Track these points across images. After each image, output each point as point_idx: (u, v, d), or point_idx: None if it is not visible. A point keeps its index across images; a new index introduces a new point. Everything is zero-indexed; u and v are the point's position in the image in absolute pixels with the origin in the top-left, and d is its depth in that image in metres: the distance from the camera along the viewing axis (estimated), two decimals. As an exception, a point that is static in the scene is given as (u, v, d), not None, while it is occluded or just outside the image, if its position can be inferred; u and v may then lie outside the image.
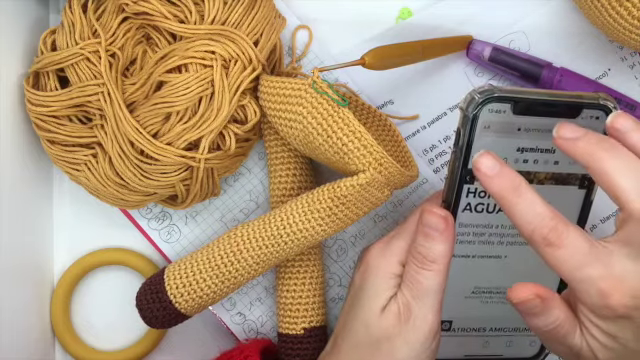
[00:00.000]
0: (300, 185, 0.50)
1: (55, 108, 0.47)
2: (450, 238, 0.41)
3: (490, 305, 0.45)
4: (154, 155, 0.46)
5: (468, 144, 0.40)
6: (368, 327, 0.42)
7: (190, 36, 0.46)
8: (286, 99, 0.44)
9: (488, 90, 0.40)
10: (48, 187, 0.53)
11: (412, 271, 0.41)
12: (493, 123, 0.40)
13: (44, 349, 0.53)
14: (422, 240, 0.41)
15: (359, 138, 0.42)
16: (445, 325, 0.45)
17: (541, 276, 0.44)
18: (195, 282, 0.46)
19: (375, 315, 0.42)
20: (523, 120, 0.40)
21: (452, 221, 0.41)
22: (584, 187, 0.42)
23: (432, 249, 0.41)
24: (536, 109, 0.40)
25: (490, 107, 0.39)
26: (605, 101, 0.40)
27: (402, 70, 0.51)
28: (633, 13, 0.44)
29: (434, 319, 0.41)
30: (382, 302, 0.42)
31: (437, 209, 0.41)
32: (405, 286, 0.42)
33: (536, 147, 0.41)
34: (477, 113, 0.40)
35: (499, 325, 0.45)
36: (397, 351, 0.41)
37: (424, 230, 0.41)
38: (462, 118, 0.40)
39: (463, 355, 0.46)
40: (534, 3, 0.52)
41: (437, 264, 0.41)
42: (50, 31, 0.49)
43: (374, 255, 0.44)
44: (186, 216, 0.53)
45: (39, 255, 0.52)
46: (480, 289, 0.44)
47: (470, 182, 0.41)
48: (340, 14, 0.53)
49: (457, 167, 0.41)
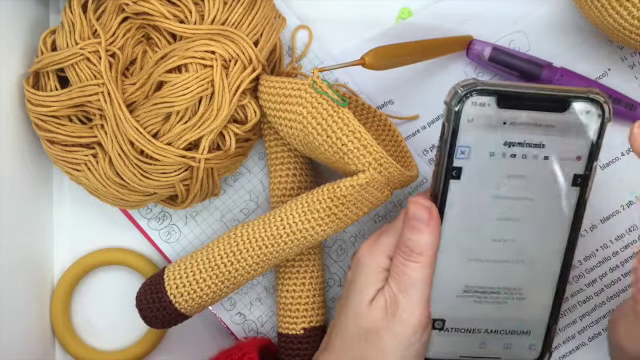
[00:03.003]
0: (300, 185, 0.50)
1: (55, 108, 0.47)
2: (435, 230, 0.41)
3: (484, 305, 0.44)
4: (154, 155, 0.46)
5: (453, 137, 0.40)
6: (357, 320, 0.42)
7: (190, 36, 0.46)
8: (286, 99, 0.44)
9: (471, 83, 0.40)
10: (48, 187, 0.53)
11: (398, 263, 0.42)
12: (478, 117, 0.40)
13: (44, 349, 0.53)
14: (408, 233, 0.41)
15: (359, 138, 0.42)
16: (438, 324, 0.45)
17: (533, 275, 0.44)
18: (195, 282, 0.46)
19: (363, 308, 0.42)
20: (509, 114, 0.40)
21: (437, 212, 0.41)
22: (577, 184, 0.42)
23: (418, 241, 0.41)
24: (522, 103, 0.40)
25: (474, 100, 0.40)
26: (596, 95, 0.40)
27: (402, 70, 0.51)
28: (633, 13, 0.44)
29: (421, 312, 0.41)
30: (370, 295, 0.42)
31: (422, 200, 0.41)
32: (392, 279, 0.42)
33: (524, 141, 0.41)
34: (460, 106, 0.40)
35: (495, 327, 0.45)
36: (385, 344, 0.41)
37: (410, 223, 0.41)
38: (446, 112, 0.41)
39: (458, 356, 0.46)
40: (534, 3, 0.52)
41: (423, 256, 0.41)
42: (50, 31, 0.49)
43: (364, 251, 0.44)
44: (186, 216, 0.53)
45: (39, 255, 0.53)
46: (472, 288, 0.44)
47: (457, 177, 0.41)
48: (340, 14, 0.53)
49: (443, 161, 0.41)
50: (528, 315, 0.45)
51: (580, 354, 0.53)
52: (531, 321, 0.45)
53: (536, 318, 0.45)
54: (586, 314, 0.53)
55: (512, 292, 0.44)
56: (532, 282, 0.44)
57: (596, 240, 0.53)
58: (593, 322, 0.53)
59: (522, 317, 0.45)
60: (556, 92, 0.40)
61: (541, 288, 0.44)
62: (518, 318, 0.45)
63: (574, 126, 0.41)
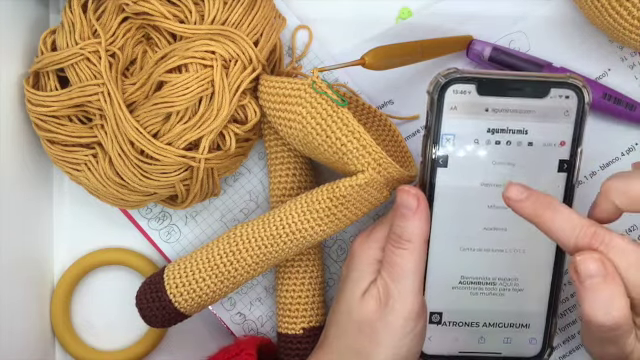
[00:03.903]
0: (300, 185, 0.50)
1: (55, 108, 0.47)
2: (424, 216, 0.41)
3: (481, 297, 0.45)
4: (154, 155, 0.46)
5: (437, 126, 0.42)
6: (350, 312, 0.42)
7: (190, 36, 0.46)
8: (286, 99, 0.44)
9: (452, 72, 0.41)
10: (48, 187, 0.53)
11: (389, 252, 0.42)
12: (460, 104, 0.41)
13: (44, 349, 0.53)
14: (397, 220, 0.42)
15: (358, 138, 0.42)
16: (435, 317, 0.45)
17: (528, 264, 0.44)
18: (194, 282, 0.46)
19: (357, 300, 0.42)
20: (491, 101, 0.41)
21: (425, 199, 0.42)
22: (564, 170, 0.43)
23: (406, 228, 0.41)
24: (502, 90, 0.41)
25: (455, 88, 0.41)
26: (574, 80, 0.41)
27: (402, 70, 0.51)
28: (633, 13, 0.44)
29: (413, 301, 0.41)
30: (363, 287, 0.43)
31: (409, 187, 0.42)
32: (384, 269, 0.42)
33: (507, 128, 0.42)
34: (442, 94, 0.41)
35: (493, 319, 0.45)
36: (379, 335, 0.41)
37: (398, 210, 0.42)
38: (429, 101, 0.42)
39: (458, 352, 0.46)
40: (534, 3, 0.52)
41: (412, 243, 0.41)
42: (50, 31, 0.49)
43: (358, 243, 0.44)
44: (186, 216, 0.53)
45: (39, 255, 0.53)
46: (468, 279, 0.44)
47: (444, 165, 0.42)
48: (340, 14, 0.53)
49: (429, 148, 0.42)
50: (526, 307, 0.45)
51: (580, 354, 0.53)
52: (530, 313, 0.45)
53: (534, 310, 0.45)
54: (586, 314, 0.53)
55: (508, 283, 0.44)
56: (527, 272, 0.44)
57: (596, 240, 0.52)
58: (593, 322, 0.53)
59: (520, 309, 0.45)
60: (535, 78, 0.42)
61: (537, 278, 0.45)
62: (516, 310, 0.45)
63: (555, 111, 0.42)
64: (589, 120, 0.43)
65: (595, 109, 0.51)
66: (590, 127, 0.45)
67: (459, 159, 0.42)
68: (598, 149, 0.52)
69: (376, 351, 0.41)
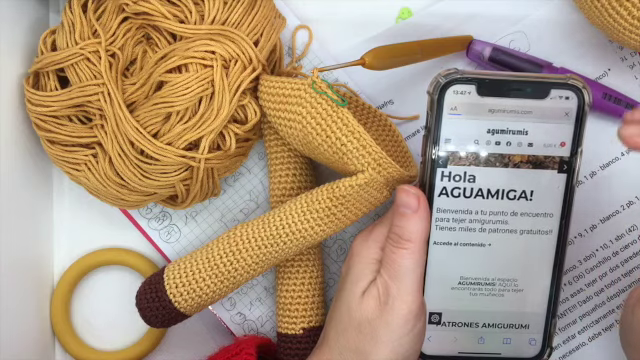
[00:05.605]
0: (300, 185, 0.50)
1: (55, 108, 0.47)
2: (423, 216, 0.42)
3: (480, 298, 0.45)
4: (154, 155, 0.46)
5: (436, 125, 0.42)
6: (350, 312, 0.42)
7: (190, 36, 0.46)
8: (286, 99, 0.44)
9: (452, 72, 0.41)
10: (48, 187, 0.53)
11: (389, 252, 0.42)
12: (460, 105, 0.42)
13: (44, 349, 0.53)
14: (397, 220, 0.42)
15: (358, 138, 0.42)
16: (435, 317, 0.45)
17: (528, 265, 0.44)
18: (194, 281, 0.46)
19: (356, 299, 0.42)
20: (491, 101, 0.42)
21: (424, 199, 0.42)
22: (564, 171, 0.43)
23: (406, 228, 0.41)
24: (502, 90, 0.41)
25: (455, 89, 0.41)
26: (574, 81, 0.42)
27: (402, 70, 0.51)
28: (633, 13, 0.44)
29: (413, 300, 0.41)
30: (363, 286, 0.43)
31: (409, 187, 0.42)
32: (383, 268, 0.42)
33: (507, 129, 0.42)
34: (442, 95, 0.41)
35: (493, 320, 0.45)
36: (378, 334, 0.41)
37: (398, 210, 0.42)
38: (429, 101, 0.42)
39: (457, 352, 0.46)
40: (534, 3, 0.52)
41: (412, 242, 0.41)
42: (50, 31, 0.49)
43: (357, 243, 0.44)
44: (186, 216, 0.53)
45: (39, 255, 0.53)
46: (467, 279, 0.44)
47: (443, 165, 0.42)
48: (340, 14, 0.53)
49: (429, 149, 0.42)
50: (526, 308, 0.45)
51: (580, 354, 0.53)
52: (529, 314, 0.45)
53: (534, 311, 0.45)
54: (586, 314, 0.53)
55: (507, 283, 0.44)
56: (527, 273, 0.44)
57: (596, 240, 0.53)
58: (593, 322, 0.53)
59: (520, 310, 0.45)
60: (535, 79, 0.42)
61: (537, 279, 0.45)
62: (516, 311, 0.45)
63: (555, 112, 0.42)
64: (589, 120, 0.43)
65: (595, 109, 0.51)
66: (590, 127, 0.45)
67: (459, 159, 0.42)
68: (598, 149, 0.52)
69: (376, 350, 0.41)
